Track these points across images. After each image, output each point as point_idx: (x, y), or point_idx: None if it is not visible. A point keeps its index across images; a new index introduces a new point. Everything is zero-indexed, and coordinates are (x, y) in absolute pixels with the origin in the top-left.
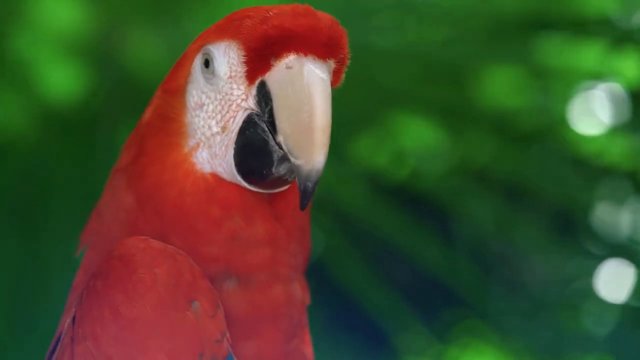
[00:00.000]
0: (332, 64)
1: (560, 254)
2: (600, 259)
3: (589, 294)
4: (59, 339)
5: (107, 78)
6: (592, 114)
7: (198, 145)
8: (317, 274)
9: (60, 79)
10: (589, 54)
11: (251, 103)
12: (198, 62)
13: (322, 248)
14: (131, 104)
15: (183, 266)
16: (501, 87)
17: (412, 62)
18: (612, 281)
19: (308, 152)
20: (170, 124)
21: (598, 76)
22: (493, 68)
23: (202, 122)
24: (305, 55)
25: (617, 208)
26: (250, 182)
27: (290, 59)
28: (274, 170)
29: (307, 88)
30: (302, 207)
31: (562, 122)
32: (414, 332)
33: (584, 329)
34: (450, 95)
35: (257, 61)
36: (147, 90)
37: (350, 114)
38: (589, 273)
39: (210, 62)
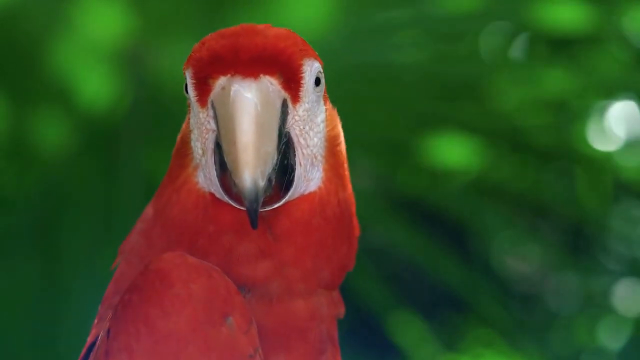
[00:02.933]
0: (271, 80)
1: (576, 269)
2: (616, 274)
3: (604, 308)
4: (88, 350)
5: (134, 93)
6: (608, 131)
7: (198, 166)
8: None
9: (95, 92)
10: (607, 71)
11: (213, 124)
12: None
13: None
14: (156, 119)
15: (218, 282)
16: (519, 103)
17: (431, 79)
18: (626, 296)
19: (235, 170)
20: (183, 145)
21: (615, 93)
22: (510, 85)
23: (195, 145)
24: (232, 75)
25: (633, 224)
26: (235, 201)
27: (223, 79)
28: (233, 189)
29: (231, 107)
30: (251, 226)
31: (579, 139)
32: (429, 344)
33: (599, 343)
34: (469, 112)
35: (201, 84)
36: (174, 105)
37: (366, 130)
38: (604, 288)
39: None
